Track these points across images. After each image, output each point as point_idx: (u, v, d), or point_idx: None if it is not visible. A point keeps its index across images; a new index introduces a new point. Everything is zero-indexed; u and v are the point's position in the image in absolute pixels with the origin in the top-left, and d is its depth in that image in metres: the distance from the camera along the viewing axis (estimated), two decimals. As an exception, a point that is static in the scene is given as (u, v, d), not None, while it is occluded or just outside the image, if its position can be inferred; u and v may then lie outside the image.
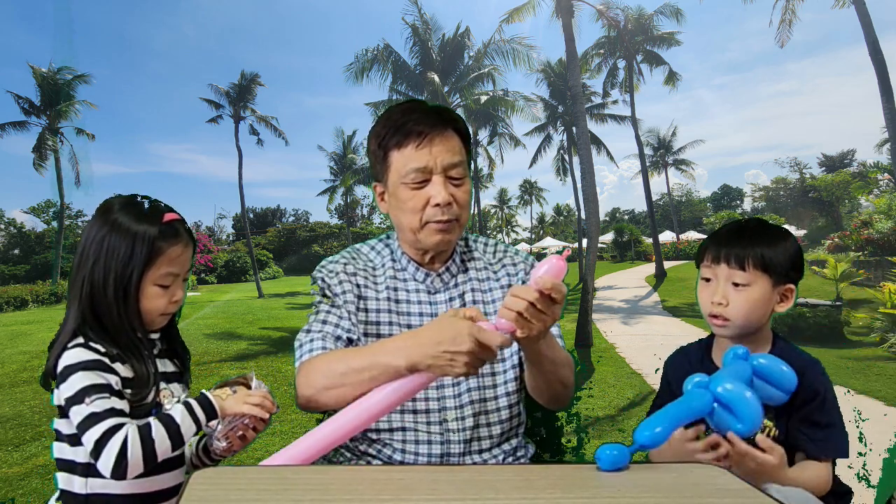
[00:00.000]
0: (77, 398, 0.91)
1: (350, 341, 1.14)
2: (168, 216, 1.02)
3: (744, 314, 1.08)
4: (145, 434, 0.90)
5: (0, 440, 5.16)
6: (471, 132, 1.20)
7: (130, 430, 0.90)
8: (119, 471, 0.89)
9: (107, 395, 0.92)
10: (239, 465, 0.91)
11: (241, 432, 1.01)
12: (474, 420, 1.14)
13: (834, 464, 1.07)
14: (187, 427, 0.94)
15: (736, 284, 1.08)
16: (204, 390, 0.99)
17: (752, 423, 0.91)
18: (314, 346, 1.11)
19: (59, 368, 0.94)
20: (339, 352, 1.09)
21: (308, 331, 1.15)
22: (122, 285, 0.98)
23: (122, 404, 0.94)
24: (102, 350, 0.96)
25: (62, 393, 0.93)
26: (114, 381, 0.95)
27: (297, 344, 1.15)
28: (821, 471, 1.04)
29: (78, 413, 0.90)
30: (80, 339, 0.97)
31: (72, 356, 0.94)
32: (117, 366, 0.97)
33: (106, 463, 0.88)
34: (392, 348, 0.96)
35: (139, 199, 1.04)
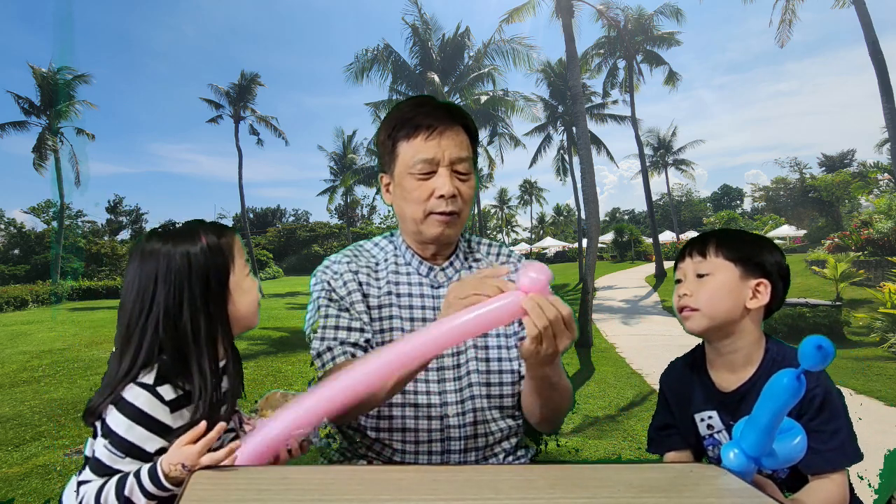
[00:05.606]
0: (106, 433, 0.88)
1: (367, 342, 1.14)
2: (200, 226, 1.00)
3: (707, 301, 1.05)
4: (98, 497, 0.88)
5: (0, 440, 5.16)
6: (478, 131, 1.21)
7: (91, 486, 0.88)
8: None
9: (122, 454, 0.88)
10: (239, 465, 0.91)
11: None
12: (475, 416, 1.14)
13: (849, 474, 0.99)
14: (136, 495, 0.87)
15: (700, 276, 1.07)
16: (160, 459, 0.88)
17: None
18: (336, 354, 1.11)
19: (124, 395, 0.89)
20: (365, 357, 1.08)
21: (322, 339, 1.14)
22: (204, 302, 0.93)
23: (132, 464, 0.89)
24: (172, 396, 0.91)
25: (111, 416, 0.89)
26: (154, 446, 0.90)
27: (313, 353, 1.15)
28: (833, 489, 0.95)
29: (97, 447, 0.89)
30: (151, 377, 0.90)
31: (136, 396, 0.89)
32: (180, 413, 0.92)
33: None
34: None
35: (162, 227, 1.00)
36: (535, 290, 0.86)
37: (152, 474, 0.87)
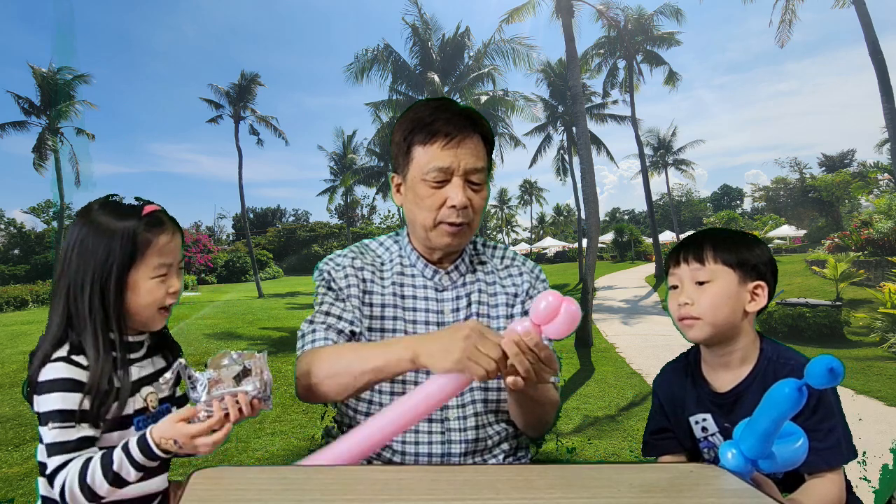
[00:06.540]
0: (45, 419, 0.89)
1: (353, 334, 1.14)
2: (148, 208, 1.00)
3: (710, 310, 1.03)
4: (83, 477, 0.87)
5: (0, 440, 5.16)
6: (495, 140, 1.19)
7: (72, 468, 0.87)
8: None
9: (72, 423, 0.89)
10: (239, 465, 0.90)
11: (226, 410, 0.94)
12: (476, 420, 1.14)
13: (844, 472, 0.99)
14: (125, 469, 0.88)
15: (700, 283, 1.05)
16: (148, 430, 0.89)
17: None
18: (317, 337, 1.12)
19: (40, 380, 0.92)
20: (345, 345, 1.10)
21: (311, 321, 1.16)
22: (100, 286, 0.95)
23: (89, 430, 0.91)
24: (84, 363, 0.93)
25: (39, 405, 0.91)
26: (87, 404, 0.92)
27: (299, 333, 1.16)
28: (830, 487, 0.95)
29: (45, 436, 0.90)
30: (65, 351, 0.94)
31: (53, 371, 0.92)
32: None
33: (58, 495, 0.88)
34: (400, 343, 0.99)
35: (118, 197, 1.02)
36: (546, 322, 0.90)
37: (143, 446, 0.88)
